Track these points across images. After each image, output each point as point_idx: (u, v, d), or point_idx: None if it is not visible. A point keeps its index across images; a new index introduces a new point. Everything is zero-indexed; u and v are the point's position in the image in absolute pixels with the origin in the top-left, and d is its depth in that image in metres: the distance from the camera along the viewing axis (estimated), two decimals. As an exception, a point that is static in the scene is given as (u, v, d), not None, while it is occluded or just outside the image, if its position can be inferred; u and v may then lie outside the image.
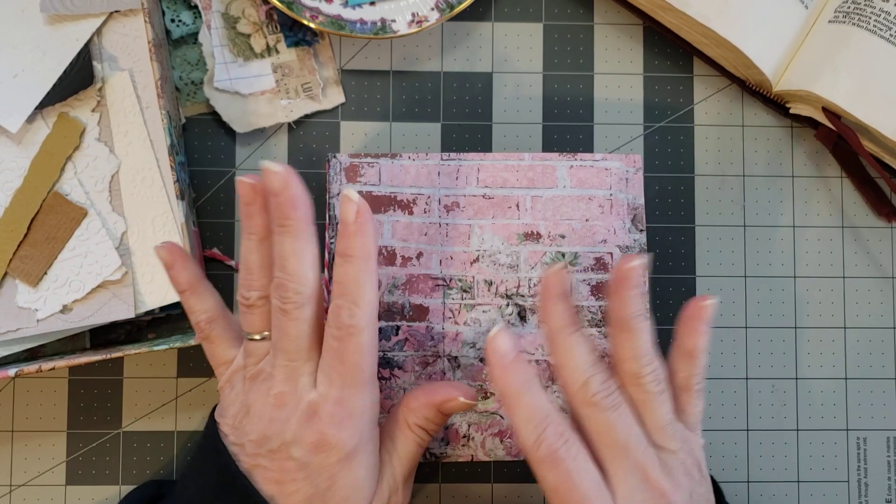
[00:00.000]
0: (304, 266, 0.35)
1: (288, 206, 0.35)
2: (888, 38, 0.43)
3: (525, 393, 0.34)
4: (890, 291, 0.48)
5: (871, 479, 0.47)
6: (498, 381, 0.35)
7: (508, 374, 0.35)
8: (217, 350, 0.39)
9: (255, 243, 0.37)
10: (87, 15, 0.43)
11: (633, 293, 0.35)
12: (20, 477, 0.45)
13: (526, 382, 0.35)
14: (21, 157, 0.43)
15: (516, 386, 0.35)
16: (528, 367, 0.35)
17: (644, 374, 0.35)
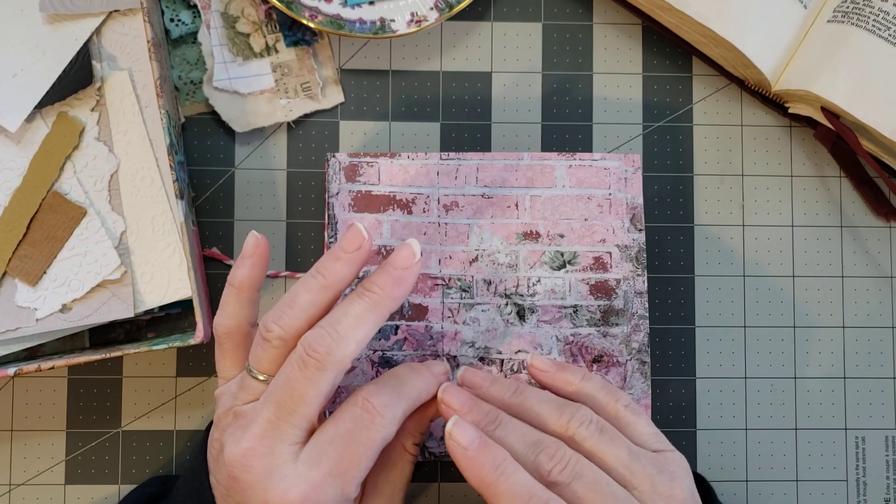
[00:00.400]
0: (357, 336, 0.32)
1: (397, 283, 0.33)
2: (887, 37, 0.43)
3: (500, 478, 0.33)
4: (888, 291, 0.48)
5: (869, 479, 0.47)
6: (468, 474, 0.33)
7: (477, 464, 0.33)
8: (223, 363, 0.37)
9: (320, 287, 0.34)
10: (87, 14, 0.43)
11: (482, 392, 0.37)
12: (19, 476, 0.45)
13: (497, 467, 0.33)
14: (20, 156, 0.43)
15: (489, 475, 0.33)
16: (495, 450, 0.33)
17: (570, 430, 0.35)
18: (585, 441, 0.35)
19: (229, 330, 0.36)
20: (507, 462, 0.33)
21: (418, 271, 0.34)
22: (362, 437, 0.32)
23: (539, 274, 0.44)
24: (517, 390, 0.38)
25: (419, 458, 0.43)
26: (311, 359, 0.32)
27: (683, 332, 0.47)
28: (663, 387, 0.47)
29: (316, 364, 0.32)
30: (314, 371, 0.32)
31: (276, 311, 0.34)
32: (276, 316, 0.34)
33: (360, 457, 0.32)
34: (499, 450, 0.33)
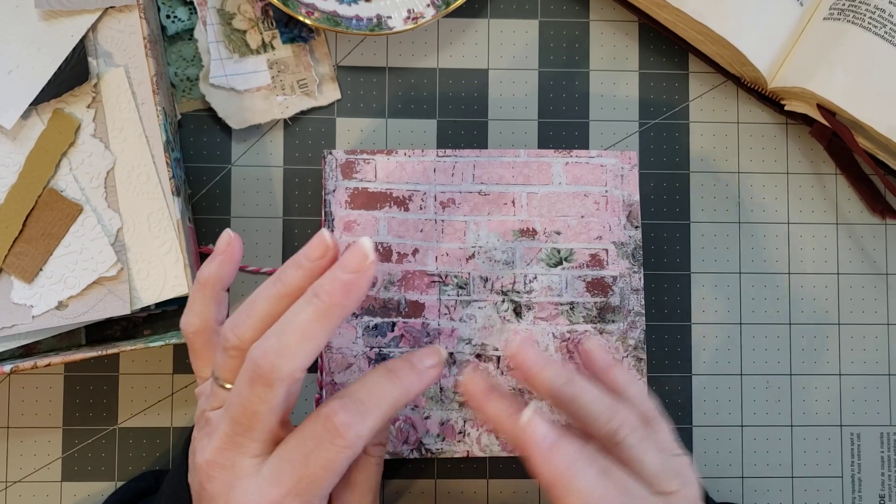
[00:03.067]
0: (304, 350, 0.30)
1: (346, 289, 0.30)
2: (883, 35, 0.44)
3: (575, 477, 0.31)
4: (884, 288, 0.48)
5: (864, 475, 0.47)
6: (543, 467, 0.32)
7: (553, 457, 0.31)
8: (197, 362, 0.36)
9: (276, 295, 0.32)
10: (82, 11, 0.43)
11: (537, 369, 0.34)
12: (16, 473, 0.45)
13: (573, 464, 0.31)
14: (16, 153, 0.43)
15: (565, 469, 0.31)
16: (572, 444, 0.32)
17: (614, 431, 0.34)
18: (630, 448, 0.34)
19: (196, 329, 0.35)
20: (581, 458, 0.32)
21: (372, 274, 0.31)
22: (321, 460, 0.30)
23: (535, 271, 0.44)
24: (570, 380, 0.35)
25: (415, 454, 0.43)
26: (258, 376, 0.30)
27: (679, 329, 0.47)
28: (659, 383, 0.47)
29: (263, 381, 0.30)
30: (262, 388, 0.30)
31: (234, 319, 0.32)
32: (233, 324, 0.32)
33: (320, 478, 0.31)
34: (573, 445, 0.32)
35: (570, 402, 0.35)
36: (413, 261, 0.44)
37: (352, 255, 0.31)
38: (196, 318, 0.35)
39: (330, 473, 0.31)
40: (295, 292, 0.32)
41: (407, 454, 0.43)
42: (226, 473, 0.31)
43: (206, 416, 0.33)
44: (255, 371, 0.30)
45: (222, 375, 0.33)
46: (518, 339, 0.35)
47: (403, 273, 0.44)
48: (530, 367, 0.35)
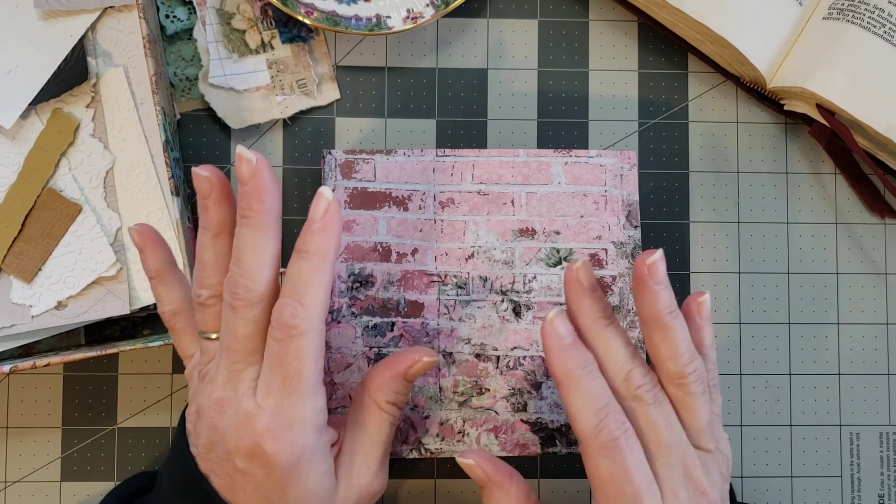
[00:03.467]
0: (260, 262, 0.33)
1: (254, 197, 0.33)
2: (882, 34, 0.44)
3: (584, 377, 0.34)
4: (883, 287, 0.48)
5: (863, 474, 0.47)
6: (556, 364, 0.34)
7: (567, 357, 0.34)
8: (182, 343, 0.38)
9: (209, 239, 0.35)
10: (82, 10, 0.43)
11: (660, 288, 0.34)
12: (15, 473, 0.45)
13: (585, 367, 0.34)
14: (15, 153, 0.43)
15: (575, 370, 0.34)
16: (586, 352, 0.34)
17: (687, 374, 0.34)
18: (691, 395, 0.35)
19: (174, 310, 0.37)
20: (594, 367, 0.34)
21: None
22: (290, 353, 0.33)
23: (535, 271, 0.44)
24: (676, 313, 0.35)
25: (415, 454, 0.43)
26: (236, 299, 0.33)
27: (679, 329, 0.47)
28: (659, 383, 0.47)
29: (242, 303, 0.33)
30: (243, 309, 0.33)
31: (195, 277, 0.35)
32: (197, 281, 0.35)
33: (300, 369, 0.33)
34: (589, 354, 0.34)
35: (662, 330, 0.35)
36: (412, 261, 0.44)
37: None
38: (169, 305, 0.38)
39: (305, 361, 0.33)
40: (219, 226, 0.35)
41: (406, 454, 0.43)
42: (232, 404, 0.34)
43: (201, 374, 0.36)
44: (233, 296, 0.33)
45: (208, 327, 0.35)
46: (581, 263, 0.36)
47: (403, 273, 0.44)
48: (658, 281, 0.34)
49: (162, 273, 0.37)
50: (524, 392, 0.44)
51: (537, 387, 0.44)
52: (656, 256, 0.34)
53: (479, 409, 0.44)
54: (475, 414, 0.44)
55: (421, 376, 0.44)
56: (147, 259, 0.37)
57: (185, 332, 0.38)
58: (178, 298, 0.38)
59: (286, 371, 0.33)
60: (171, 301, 0.37)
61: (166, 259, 0.38)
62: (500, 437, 0.44)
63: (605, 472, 0.33)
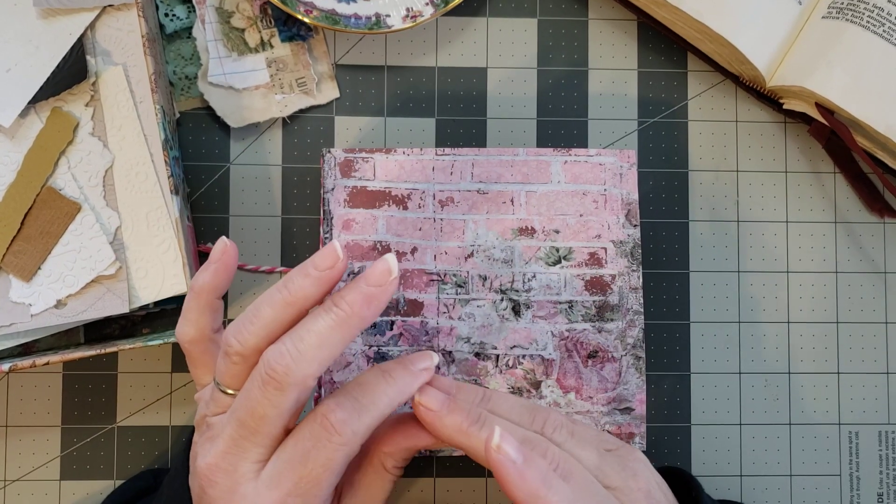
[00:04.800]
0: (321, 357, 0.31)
1: (365, 300, 0.31)
2: (881, 33, 0.44)
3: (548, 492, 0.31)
4: (882, 286, 0.48)
5: (862, 473, 0.47)
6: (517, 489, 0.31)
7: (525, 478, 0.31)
8: (195, 371, 0.36)
9: (281, 303, 0.32)
10: (81, 9, 0.43)
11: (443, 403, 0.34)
12: (14, 472, 0.45)
13: (545, 479, 0.31)
14: (14, 151, 0.43)
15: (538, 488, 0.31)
16: (540, 461, 0.32)
17: (542, 431, 0.35)
18: (560, 446, 0.35)
19: (192, 338, 0.35)
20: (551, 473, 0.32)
21: (393, 290, 0.32)
22: (320, 458, 0.31)
23: (534, 269, 0.44)
24: (485, 396, 0.36)
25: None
26: (270, 378, 0.30)
27: (678, 328, 0.47)
28: (658, 382, 0.47)
29: (275, 385, 0.30)
30: (273, 391, 0.31)
31: (237, 325, 0.32)
32: (237, 330, 0.32)
33: (320, 477, 0.31)
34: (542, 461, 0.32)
35: None
36: (412, 259, 0.44)
37: (377, 269, 0.31)
38: (191, 328, 0.35)
39: (328, 472, 0.31)
40: (301, 301, 0.32)
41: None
42: (228, 478, 0.31)
43: (207, 421, 0.33)
44: (269, 374, 0.30)
45: (223, 381, 0.33)
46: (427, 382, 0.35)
47: (402, 272, 0.44)
48: (446, 393, 0.35)
49: (205, 294, 0.35)
50: (523, 391, 0.44)
51: (537, 385, 0.44)
52: (423, 395, 0.34)
53: (478, 408, 0.44)
54: None
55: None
56: (206, 273, 0.35)
57: (199, 362, 0.36)
58: (203, 327, 0.35)
59: (306, 474, 0.31)
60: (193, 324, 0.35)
61: (220, 286, 0.35)
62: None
63: None
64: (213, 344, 0.35)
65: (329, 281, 0.32)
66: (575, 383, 0.44)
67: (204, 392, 0.35)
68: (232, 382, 0.33)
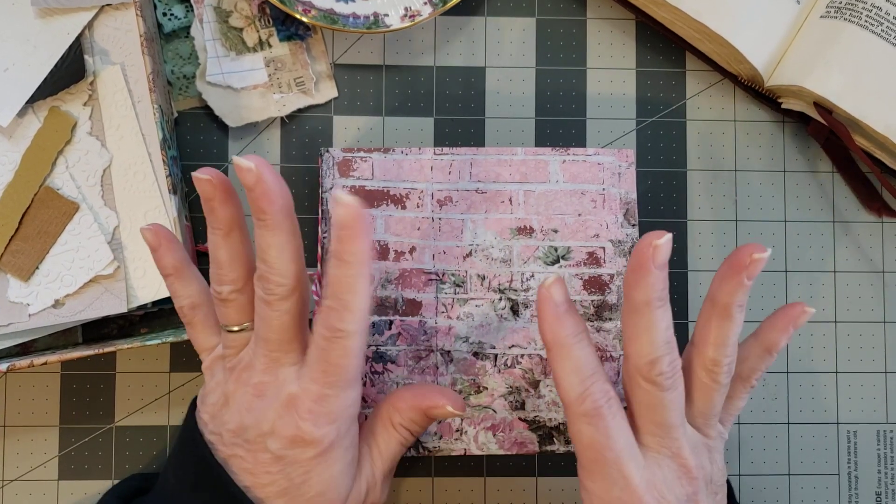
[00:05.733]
0: (286, 258, 0.34)
1: (264, 201, 0.34)
2: (880, 33, 0.44)
3: (575, 345, 0.34)
4: (880, 285, 0.48)
5: (861, 472, 0.47)
6: (549, 329, 0.34)
7: (561, 323, 0.34)
8: (199, 336, 0.39)
9: (220, 238, 0.36)
10: (78, 8, 0.43)
11: (738, 280, 0.34)
12: (12, 472, 0.45)
13: (577, 335, 0.34)
14: (12, 151, 0.43)
15: (567, 336, 0.34)
16: (579, 320, 0.35)
17: (721, 365, 0.35)
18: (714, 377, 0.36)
19: (192, 304, 0.38)
20: (586, 335, 0.35)
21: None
22: (336, 350, 0.34)
23: (533, 269, 0.44)
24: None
25: (413, 452, 0.43)
26: (269, 295, 0.34)
27: (677, 327, 0.47)
28: (656, 381, 0.47)
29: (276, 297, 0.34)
30: (278, 303, 0.35)
31: (212, 276, 0.36)
32: (216, 279, 0.36)
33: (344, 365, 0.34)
34: (583, 322, 0.35)
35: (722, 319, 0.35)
36: (410, 259, 0.44)
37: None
38: (186, 299, 0.38)
39: (350, 358, 0.34)
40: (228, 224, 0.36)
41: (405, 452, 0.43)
42: (274, 387, 0.35)
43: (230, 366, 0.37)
44: (266, 290, 0.35)
45: (232, 321, 0.37)
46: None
47: (401, 271, 0.44)
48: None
49: (179, 269, 0.38)
50: (522, 390, 0.44)
51: (535, 385, 0.44)
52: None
53: (476, 408, 0.44)
54: (473, 412, 0.44)
55: (418, 374, 0.44)
56: (162, 257, 0.38)
57: (203, 325, 0.38)
58: (196, 293, 0.38)
59: (330, 365, 0.34)
60: (188, 295, 0.38)
61: (181, 256, 0.38)
62: (498, 436, 0.44)
63: (586, 438, 0.34)
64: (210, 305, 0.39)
65: (224, 195, 0.35)
66: (573, 383, 0.44)
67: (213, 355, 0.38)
68: (238, 317, 0.37)
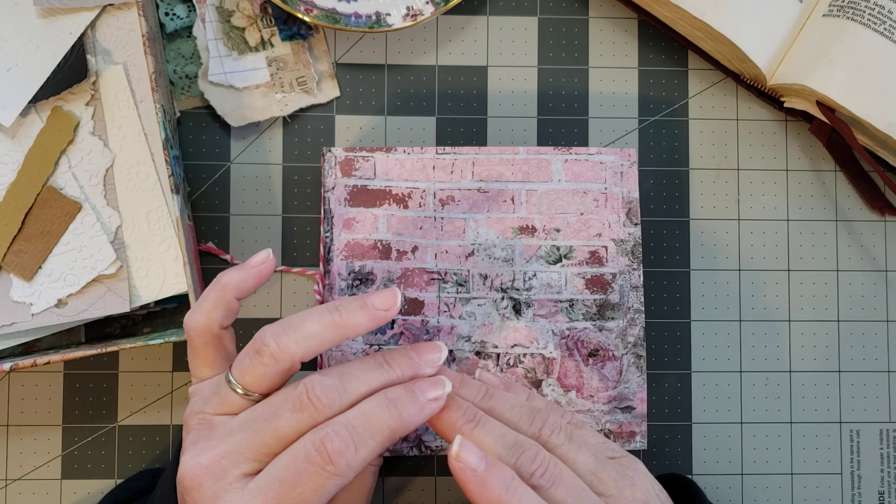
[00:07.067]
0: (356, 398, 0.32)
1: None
2: (882, 31, 0.43)
3: (511, 499, 0.31)
4: (883, 284, 0.48)
5: (863, 472, 0.47)
6: (478, 496, 0.31)
7: (486, 486, 0.31)
8: (195, 362, 0.35)
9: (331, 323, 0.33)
10: (81, 8, 0.43)
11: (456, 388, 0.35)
12: (15, 471, 0.45)
13: (508, 487, 0.31)
14: (15, 150, 0.43)
15: (500, 496, 0.31)
16: (502, 469, 0.32)
17: (539, 433, 0.35)
18: (557, 449, 0.35)
19: (200, 327, 0.34)
20: (516, 481, 0.32)
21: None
22: (311, 483, 0.30)
23: (535, 268, 0.44)
24: (487, 393, 0.36)
25: (415, 451, 0.43)
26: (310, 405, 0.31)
27: (679, 326, 0.47)
28: (659, 381, 0.47)
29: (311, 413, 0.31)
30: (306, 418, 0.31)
31: (276, 328, 0.32)
32: (277, 333, 0.32)
33: (307, 501, 0.30)
34: (506, 469, 0.32)
35: (492, 416, 0.35)
36: (412, 258, 0.44)
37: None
38: (202, 317, 0.34)
39: (317, 497, 0.30)
40: (349, 327, 0.33)
41: (407, 451, 0.43)
42: (215, 483, 0.31)
43: (205, 419, 0.33)
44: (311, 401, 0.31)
45: (243, 381, 0.32)
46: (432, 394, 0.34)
47: (403, 270, 0.44)
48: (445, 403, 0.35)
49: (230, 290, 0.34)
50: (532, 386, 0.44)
51: (537, 384, 0.44)
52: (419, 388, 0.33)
53: (479, 407, 0.44)
54: None
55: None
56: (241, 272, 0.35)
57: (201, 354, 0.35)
58: (213, 320, 0.34)
59: (294, 496, 0.30)
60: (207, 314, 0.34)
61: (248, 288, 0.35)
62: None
63: None
64: (216, 339, 0.35)
65: (380, 320, 0.33)
66: (576, 382, 0.44)
67: (202, 387, 0.35)
68: (253, 384, 0.32)
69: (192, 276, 0.40)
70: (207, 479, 0.31)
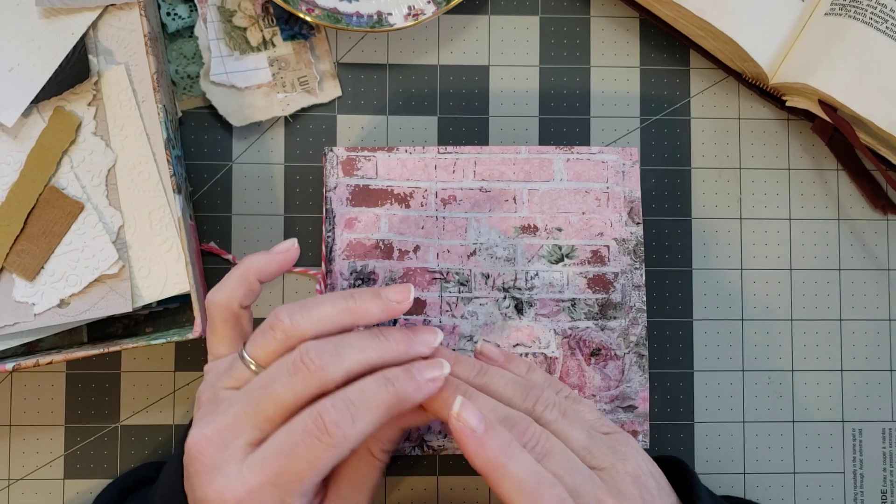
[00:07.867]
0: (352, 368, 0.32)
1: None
2: (884, 30, 0.43)
3: (509, 461, 0.32)
4: (885, 283, 0.48)
5: (866, 471, 0.47)
6: (476, 456, 0.32)
7: (485, 446, 0.32)
8: (213, 338, 0.36)
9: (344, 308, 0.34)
10: (83, 8, 0.43)
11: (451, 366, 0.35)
12: (18, 471, 0.45)
13: (506, 450, 0.32)
14: (17, 151, 0.43)
15: (497, 457, 0.32)
16: (502, 432, 0.33)
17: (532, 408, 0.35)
18: (549, 424, 0.35)
19: (220, 302, 0.35)
20: (514, 444, 0.32)
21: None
22: (307, 454, 0.31)
23: (537, 267, 0.44)
24: (481, 370, 0.37)
25: (418, 451, 0.43)
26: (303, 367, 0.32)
27: (681, 326, 0.47)
28: (661, 380, 0.47)
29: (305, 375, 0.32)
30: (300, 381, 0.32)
31: (293, 306, 0.33)
32: (291, 311, 0.33)
33: (303, 473, 0.31)
34: (504, 432, 0.33)
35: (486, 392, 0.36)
36: (414, 258, 0.44)
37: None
38: (223, 294, 0.35)
39: (313, 470, 0.31)
40: (361, 314, 0.34)
41: (409, 451, 0.43)
42: (216, 454, 0.32)
43: (215, 393, 0.34)
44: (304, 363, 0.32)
45: (255, 355, 0.34)
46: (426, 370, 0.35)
47: (405, 270, 0.44)
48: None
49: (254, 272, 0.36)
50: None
51: (539, 384, 0.44)
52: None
53: (481, 406, 0.44)
54: None
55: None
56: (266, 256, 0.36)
57: (220, 330, 0.36)
58: (234, 298, 0.35)
59: (290, 467, 0.31)
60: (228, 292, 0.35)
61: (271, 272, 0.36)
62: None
63: None
64: (236, 317, 0.36)
65: (392, 312, 0.34)
66: (578, 381, 0.44)
67: (216, 364, 0.35)
68: (263, 357, 0.33)
69: (194, 275, 0.40)
70: (210, 448, 0.32)
